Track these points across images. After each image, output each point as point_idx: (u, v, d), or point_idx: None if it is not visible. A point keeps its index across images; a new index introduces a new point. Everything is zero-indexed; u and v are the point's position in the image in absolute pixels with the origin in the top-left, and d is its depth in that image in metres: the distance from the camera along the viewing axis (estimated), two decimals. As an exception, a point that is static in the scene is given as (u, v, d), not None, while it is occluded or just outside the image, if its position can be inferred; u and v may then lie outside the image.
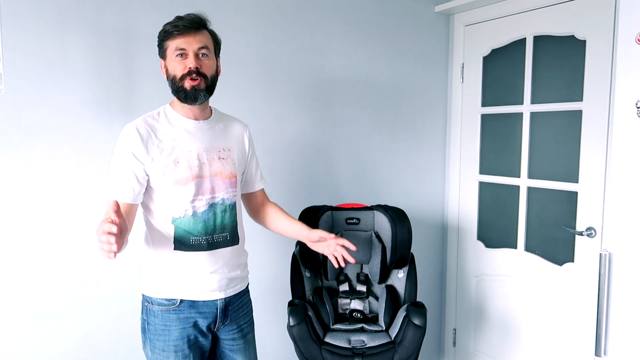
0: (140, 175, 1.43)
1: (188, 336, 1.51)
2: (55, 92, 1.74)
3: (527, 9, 2.38)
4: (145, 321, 1.54)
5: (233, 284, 1.59)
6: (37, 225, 1.75)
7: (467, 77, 2.72)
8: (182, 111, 1.51)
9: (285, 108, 2.27)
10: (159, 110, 1.52)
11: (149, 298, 1.53)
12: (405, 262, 2.16)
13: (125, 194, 1.42)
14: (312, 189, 2.39)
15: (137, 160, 1.42)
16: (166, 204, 1.47)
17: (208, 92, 1.48)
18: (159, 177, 1.45)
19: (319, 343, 1.95)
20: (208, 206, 1.50)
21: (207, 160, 1.50)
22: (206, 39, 1.47)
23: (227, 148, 1.57)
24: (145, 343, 1.55)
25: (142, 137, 1.43)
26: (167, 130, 1.47)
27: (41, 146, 1.74)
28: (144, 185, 1.46)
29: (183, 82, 1.44)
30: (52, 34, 1.72)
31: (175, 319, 1.50)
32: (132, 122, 1.46)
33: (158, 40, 1.47)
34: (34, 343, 1.78)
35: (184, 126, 1.50)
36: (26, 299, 1.75)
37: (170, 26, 1.43)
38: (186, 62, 1.43)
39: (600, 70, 2.11)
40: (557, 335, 2.35)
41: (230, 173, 1.56)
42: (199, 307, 1.53)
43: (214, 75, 1.51)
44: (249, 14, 2.12)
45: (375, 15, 2.49)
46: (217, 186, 1.52)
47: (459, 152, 2.80)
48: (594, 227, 2.18)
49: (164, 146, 1.45)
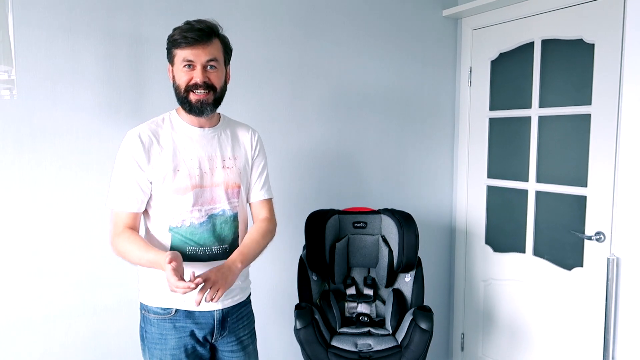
0: (143, 184, 1.42)
1: (185, 345, 1.47)
2: (67, 96, 1.77)
3: (535, 12, 2.37)
4: (143, 329, 1.52)
5: (232, 295, 1.53)
6: (49, 227, 1.78)
7: (475, 80, 2.72)
8: (187, 118, 1.48)
9: (292, 113, 2.28)
10: (164, 116, 1.49)
11: (145, 306, 1.51)
12: (413, 266, 2.16)
13: (130, 204, 1.41)
14: (319, 192, 2.39)
15: (140, 169, 1.40)
16: (164, 212, 1.44)
17: (215, 104, 1.45)
18: (158, 184, 1.42)
19: (325, 346, 1.96)
20: (207, 217, 1.46)
21: (209, 169, 1.46)
22: (215, 50, 1.42)
23: (232, 157, 1.52)
24: (144, 351, 1.53)
25: (144, 144, 1.40)
26: (170, 137, 1.44)
27: (53, 150, 1.77)
28: (147, 194, 1.44)
29: (188, 94, 1.41)
30: (63, 40, 1.75)
31: (172, 328, 1.47)
32: (135, 129, 1.44)
33: (167, 45, 1.44)
34: (44, 344, 1.80)
35: (188, 134, 1.47)
36: (37, 300, 1.78)
37: (179, 35, 1.38)
38: (193, 73, 1.39)
39: (608, 73, 2.10)
40: (565, 340, 2.33)
41: (234, 183, 1.51)
42: (196, 317, 1.48)
43: (223, 86, 1.47)
44: (257, 19, 2.14)
45: (383, 19, 2.50)
46: (218, 196, 1.47)
47: (467, 156, 2.79)
48: (603, 231, 2.16)
49: (166, 153, 1.42)
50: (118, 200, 1.42)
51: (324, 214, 2.17)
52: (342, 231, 2.23)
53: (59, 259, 1.81)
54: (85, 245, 1.84)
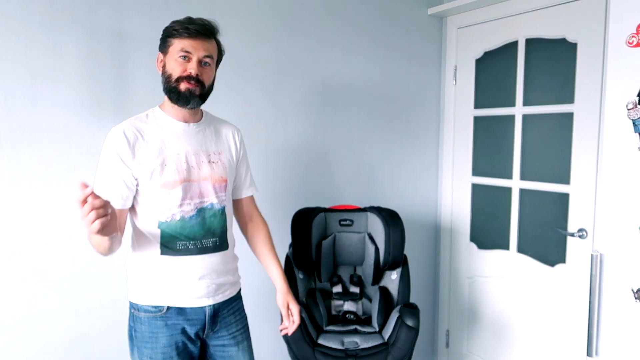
0: (128, 180, 1.41)
1: (176, 343, 1.47)
2: (47, 93, 1.73)
3: (519, 12, 2.39)
4: (132, 328, 1.50)
5: (222, 290, 1.55)
6: (29, 227, 1.74)
7: (460, 79, 2.73)
8: (172, 112, 1.48)
9: (278, 110, 2.27)
10: (147, 112, 1.49)
11: (135, 305, 1.50)
12: (399, 264, 2.17)
13: (114, 200, 1.38)
14: (305, 190, 2.39)
15: (125, 165, 1.40)
16: (152, 208, 1.44)
17: (201, 99, 1.46)
18: (146, 180, 1.42)
19: (312, 345, 1.95)
20: (196, 211, 1.47)
21: (196, 163, 1.47)
22: (212, 49, 1.45)
23: (217, 152, 1.54)
24: (132, 350, 1.51)
25: (129, 140, 1.40)
26: (155, 132, 1.44)
27: (33, 148, 1.72)
28: (132, 190, 1.43)
29: (178, 84, 1.41)
30: (43, 35, 1.71)
31: (163, 326, 1.47)
32: (120, 125, 1.43)
33: (162, 34, 1.44)
34: (24, 346, 1.76)
35: (173, 129, 1.47)
36: (17, 302, 1.74)
37: (180, 26, 1.40)
38: (188, 65, 1.40)
39: (591, 72, 2.13)
40: (549, 336, 2.37)
41: (220, 177, 1.52)
42: (187, 314, 1.49)
43: (211, 85, 1.49)
44: (242, 15, 2.12)
45: (369, 17, 2.50)
46: (206, 190, 1.49)
47: (451, 154, 2.81)
48: (585, 228, 2.19)
49: (151, 148, 1.42)
50: (102, 197, 1.40)
51: (310, 212, 2.17)
52: (328, 229, 2.23)
53: (39, 260, 1.76)
54: (66, 246, 1.81)
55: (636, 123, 1.78)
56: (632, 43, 1.79)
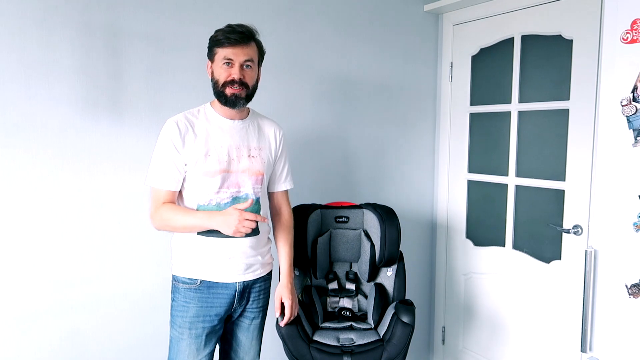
0: (179, 165, 1.60)
1: (204, 315, 1.65)
2: (41, 90, 1.72)
3: (515, 8, 2.39)
4: (172, 299, 1.69)
5: (252, 269, 1.71)
6: (22, 224, 1.73)
7: (456, 76, 2.73)
8: (220, 110, 1.66)
9: (272, 107, 2.26)
10: (199, 108, 1.67)
11: (175, 277, 1.69)
12: (394, 261, 2.17)
13: (168, 182, 1.60)
14: (302, 187, 2.38)
15: (177, 151, 1.58)
16: (194, 192, 1.62)
17: (247, 99, 1.63)
18: (191, 166, 1.60)
19: (307, 341, 1.95)
20: (232, 199, 1.63)
21: (236, 157, 1.64)
22: (252, 52, 1.61)
23: (258, 147, 1.70)
24: (170, 322, 1.69)
25: (181, 130, 1.58)
26: (203, 126, 1.62)
27: (27, 145, 1.71)
28: (182, 174, 1.61)
29: (225, 89, 1.58)
30: (37, 31, 1.70)
31: (195, 297, 1.64)
32: (174, 117, 1.61)
33: (209, 44, 1.61)
34: (19, 344, 1.76)
35: (219, 124, 1.65)
36: (11, 299, 1.73)
37: (222, 35, 1.56)
38: (231, 70, 1.57)
39: (586, 69, 2.13)
40: (544, 332, 2.38)
41: (258, 171, 1.68)
42: (217, 287, 1.65)
43: (255, 84, 1.65)
44: (237, 11, 2.11)
45: (364, 14, 2.49)
46: (243, 182, 1.65)
47: (447, 150, 2.81)
48: (580, 225, 2.20)
49: (199, 140, 1.60)
50: (158, 179, 1.60)
51: (306, 209, 2.16)
52: (324, 226, 2.23)
53: (32, 257, 1.76)
54: (60, 243, 1.80)
55: (630, 119, 1.78)
56: (626, 39, 1.79)
